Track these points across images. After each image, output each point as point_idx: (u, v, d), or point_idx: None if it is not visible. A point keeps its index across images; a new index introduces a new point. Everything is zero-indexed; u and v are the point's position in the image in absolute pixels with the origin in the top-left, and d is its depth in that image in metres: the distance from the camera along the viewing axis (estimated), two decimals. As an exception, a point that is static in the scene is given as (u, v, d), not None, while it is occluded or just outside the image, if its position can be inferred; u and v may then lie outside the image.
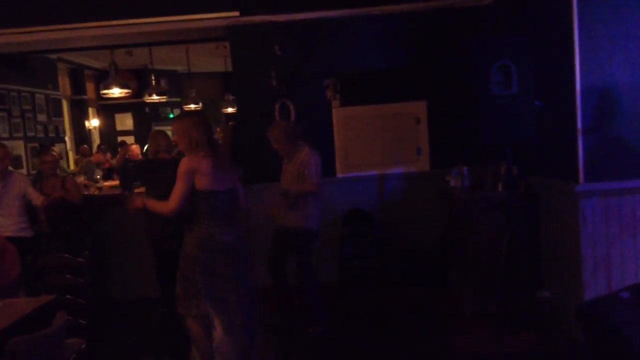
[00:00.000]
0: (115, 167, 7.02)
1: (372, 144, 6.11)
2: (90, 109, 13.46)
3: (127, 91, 8.28)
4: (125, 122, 14.35)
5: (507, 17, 5.37)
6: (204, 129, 3.55)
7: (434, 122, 6.05)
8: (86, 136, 13.00)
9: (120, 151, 5.63)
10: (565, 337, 4.33)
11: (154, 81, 10.49)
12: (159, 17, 5.86)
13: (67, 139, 11.80)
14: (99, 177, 7.80)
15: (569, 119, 4.11)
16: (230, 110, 12.57)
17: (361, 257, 5.71)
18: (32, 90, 10.10)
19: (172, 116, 14.58)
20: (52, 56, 10.53)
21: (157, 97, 10.43)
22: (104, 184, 7.43)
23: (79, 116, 12.86)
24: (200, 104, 11.84)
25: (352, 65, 6.03)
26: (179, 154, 5.28)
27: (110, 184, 7.96)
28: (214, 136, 3.80)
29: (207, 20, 5.91)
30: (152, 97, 10.40)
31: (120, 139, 13.01)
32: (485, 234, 4.87)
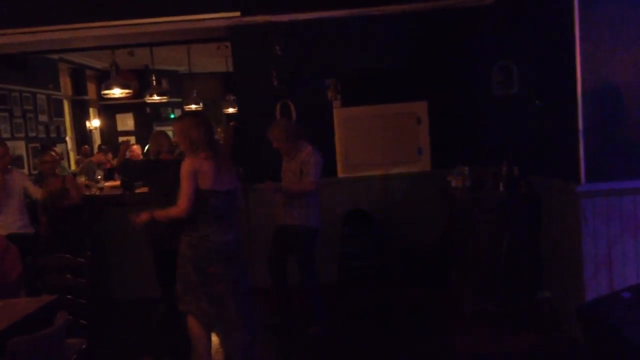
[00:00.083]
0: (115, 165, 7.00)
1: (373, 144, 6.11)
2: (91, 109, 13.47)
3: (128, 91, 8.28)
4: (126, 122, 14.37)
5: (507, 17, 5.37)
6: (204, 130, 3.56)
7: (434, 122, 6.05)
8: (87, 136, 13.01)
9: (121, 148, 5.62)
10: (565, 337, 4.32)
11: (155, 81, 10.48)
12: (160, 17, 5.87)
13: (68, 139, 11.81)
14: (100, 177, 7.80)
15: (570, 119, 4.11)
16: (231, 110, 12.57)
17: (361, 257, 5.72)
18: (34, 90, 10.11)
19: (173, 116, 14.58)
20: (54, 56, 10.53)
21: (158, 98, 10.41)
22: (105, 185, 7.43)
23: (80, 116, 12.87)
24: (201, 104, 11.83)
25: (353, 65, 6.03)
26: (180, 154, 5.29)
27: (111, 184, 7.96)
28: (215, 136, 3.81)
29: (208, 20, 5.92)
30: (153, 98, 10.39)
31: (121, 139, 13.02)
32: (485, 234, 4.87)
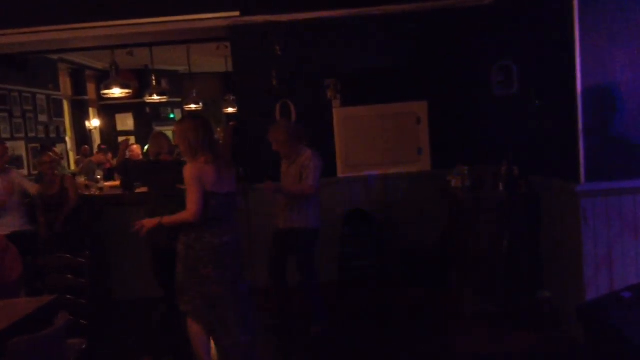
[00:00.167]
0: (115, 165, 6.99)
1: (373, 144, 6.11)
2: (91, 109, 13.47)
3: (127, 91, 8.27)
4: (126, 122, 14.37)
5: (507, 17, 5.37)
6: (204, 133, 3.57)
7: (434, 122, 6.05)
8: (87, 136, 13.01)
9: (120, 147, 5.62)
10: (565, 337, 4.32)
11: (154, 81, 10.49)
12: (159, 17, 5.87)
13: (67, 139, 11.81)
14: (99, 177, 7.80)
15: (570, 119, 4.11)
16: (231, 110, 12.58)
17: (361, 257, 5.71)
18: (33, 90, 10.11)
19: (172, 116, 14.58)
20: (53, 57, 10.53)
21: (158, 98, 10.42)
22: (104, 185, 7.43)
23: (80, 116, 12.87)
24: (200, 104, 11.84)
25: (352, 65, 6.03)
26: (179, 155, 5.29)
27: (111, 184, 7.96)
28: (215, 137, 3.82)
29: (207, 20, 5.92)
30: (152, 98, 10.39)
31: (121, 139, 13.01)
32: (485, 234, 4.87)
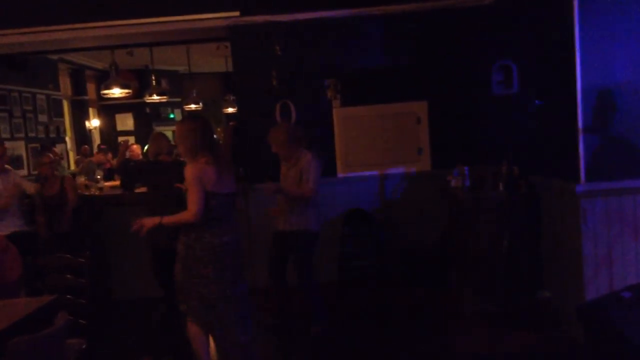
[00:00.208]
0: (115, 165, 6.99)
1: (373, 144, 6.11)
2: (91, 110, 13.47)
3: (127, 91, 8.27)
4: (125, 122, 14.36)
5: (507, 17, 5.37)
6: (203, 134, 3.56)
7: (434, 122, 6.05)
8: (87, 136, 13.01)
9: (120, 147, 5.60)
10: (565, 337, 4.32)
11: (154, 81, 10.49)
12: (159, 17, 5.87)
13: (67, 139, 11.81)
14: (99, 177, 7.80)
15: (570, 119, 4.11)
16: (231, 110, 12.57)
17: (361, 257, 5.71)
18: (33, 90, 10.11)
19: (172, 116, 14.58)
20: (53, 57, 10.53)
21: (158, 98, 10.42)
22: (104, 185, 7.42)
23: (80, 116, 12.86)
24: (200, 104, 11.84)
25: (352, 65, 6.03)
26: (178, 155, 5.29)
27: (111, 184, 7.95)
28: (215, 138, 3.82)
29: (207, 20, 5.91)
30: (152, 98, 10.39)
31: (120, 139, 13.02)
32: (485, 234, 4.87)
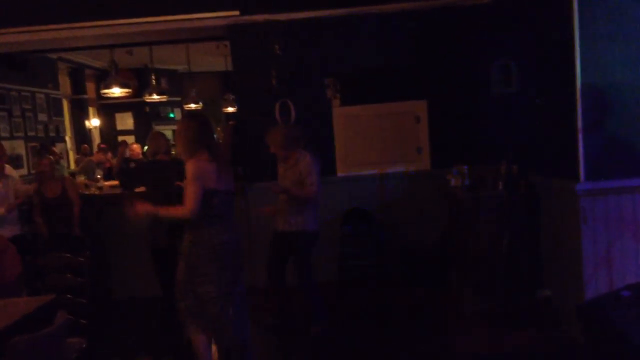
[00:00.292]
0: (114, 171, 6.97)
1: (372, 143, 6.10)
2: (90, 109, 13.47)
3: (127, 91, 8.27)
4: (125, 121, 14.36)
5: (507, 16, 5.36)
6: (203, 131, 3.57)
7: (434, 121, 6.05)
8: (86, 136, 13.00)
9: (119, 151, 5.56)
10: (565, 336, 4.32)
11: (154, 80, 10.49)
12: (159, 16, 5.86)
13: (67, 138, 11.81)
14: (99, 176, 7.80)
15: (569, 118, 4.11)
16: (230, 109, 12.58)
17: (361, 257, 5.71)
18: (33, 89, 10.11)
19: (172, 116, 14.58)
20: (53, 56, 10.53)
21: (158, 97, 10.43)
22: (104, 184, 7.42)
23: (80, 116, 12.86)
24: (200, 103, 11.84)
25: (352, 64, 6.03)
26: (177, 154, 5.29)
27: (110, 183, 7.94)
28: (214, 137, 3.82)
29: (207, 19, 5.91)
30: (152, 97, 10.40)
31: (120, 139, 13.02)
32: (485, 234, 4.87)
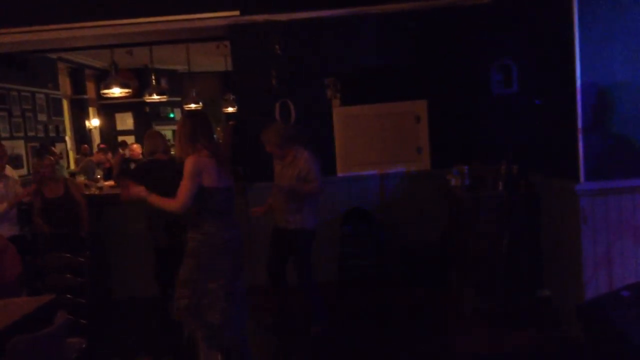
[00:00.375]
0: (113, 174, 6.96)
1: (373, 143, 6.10)
2: (90, 109, 13.47)
3: (127, 91, 8.29)
4: (125, 121, 14.37)
5: (507, 16, 5.37)
6: (203, 128, 3.58)
7: (434, 121, 6.05)
8: (86, 136, 13.01)
9: (117, 155, 5.53)
10: (565, 336, 4.32)
11: (154, 81, 10.51)
12: (159, 16, 5.86)
13: (67, 138, 11.81)
14: (99, 176, 7.80)
15: (569, 118, 4.11)
16: (230, 109, 12.59)
17: (361, 257, 5.71)
18: (33, 89, 10.11)
19: (172, 116, 14.59)
20: (53, 56, 10.53)
21: (158, 97, 10.44)
22: (104, 184, 7.43)
23: (80, 116, 12.87)
24: (200, 103, 11.84)
25: (352, 64, 6.03)
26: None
27: (110, 183, 7.95)
28: (214, 135, 3.82)
29: (207, 19, 5.91)
30: (152, 97, 10.41)
31: (120, 139, 13.03)
32: (485, 234, 4.87)
